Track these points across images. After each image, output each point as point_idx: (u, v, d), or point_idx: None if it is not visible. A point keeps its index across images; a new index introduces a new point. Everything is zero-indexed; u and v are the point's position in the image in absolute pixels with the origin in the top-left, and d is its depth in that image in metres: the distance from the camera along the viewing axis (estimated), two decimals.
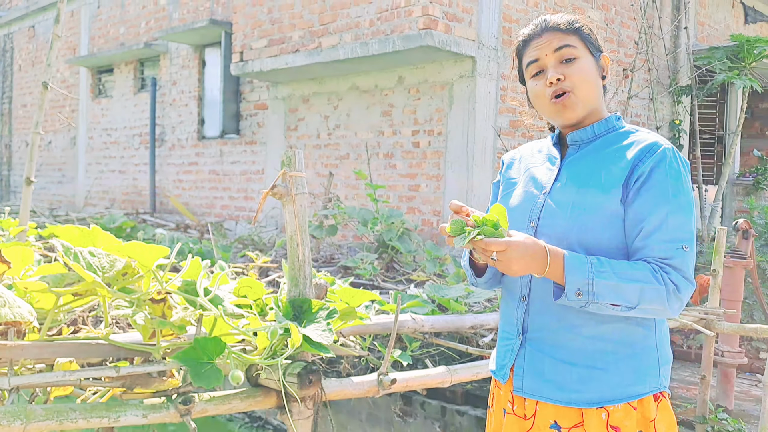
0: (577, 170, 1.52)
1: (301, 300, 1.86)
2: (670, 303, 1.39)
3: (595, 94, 1.53)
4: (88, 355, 1.59)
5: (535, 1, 6.86)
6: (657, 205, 1.41)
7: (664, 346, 1.51)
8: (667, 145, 1.46)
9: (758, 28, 9.94)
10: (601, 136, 1.55)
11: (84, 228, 1.81)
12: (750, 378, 5.18)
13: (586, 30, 1.55)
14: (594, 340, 1.46)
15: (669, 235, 1.40)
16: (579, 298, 1.37)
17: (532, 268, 1.37)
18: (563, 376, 1.47)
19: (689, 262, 1.41)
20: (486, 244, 1.33)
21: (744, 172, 9.28)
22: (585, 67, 1.51)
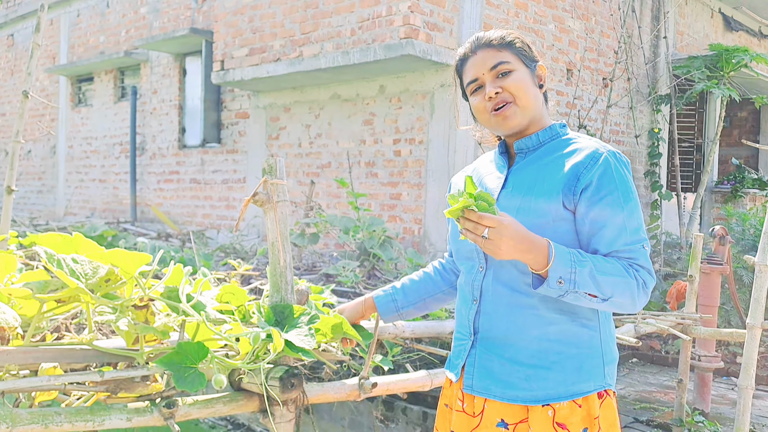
0: (522, 177, 1.59)
1: (283, 306, 1.88)
2: (638, 297, 1.48)
3: (533, 103, 1.59)
4: (72, 361, 1.60)
5: (515, 11, 6.96)
6: (614, 214, 1.48)
7: (609, 345, 1.58)
8: (606, 150, 1.53)
9: (737, 37, 10.13)
10: (545, 143, 1.61)
11: (66, 235, 1.82)
12: (726, 382, 5.26)
13: (519, 44, 1.62)
14: (540, 340, 1.52)
15: (630, 237, 1.49)
16: (560, 286, 1.42)
17: (518, 251, 1.41)
18: (510, 374, 1.54)
19: (649, 259, 1.51)
20: (480, 217, 1.37)
21: (722, 180, 9.44)
22: (520, 78, 1.58)
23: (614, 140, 8.10)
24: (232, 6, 7.63)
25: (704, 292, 4.19)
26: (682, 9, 9.16)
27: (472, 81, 1.62)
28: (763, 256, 2.46)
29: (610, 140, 7.96)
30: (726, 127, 10.18)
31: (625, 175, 1.51)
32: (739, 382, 2.54)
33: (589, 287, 1.43)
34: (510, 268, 1.54)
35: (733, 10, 9.93)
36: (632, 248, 1.49)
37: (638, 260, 1.48)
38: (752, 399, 2.57)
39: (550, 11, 7.24)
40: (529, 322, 1.53)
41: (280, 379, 1.77)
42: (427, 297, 1.89)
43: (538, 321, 1.52)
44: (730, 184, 9.21)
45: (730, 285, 4.99)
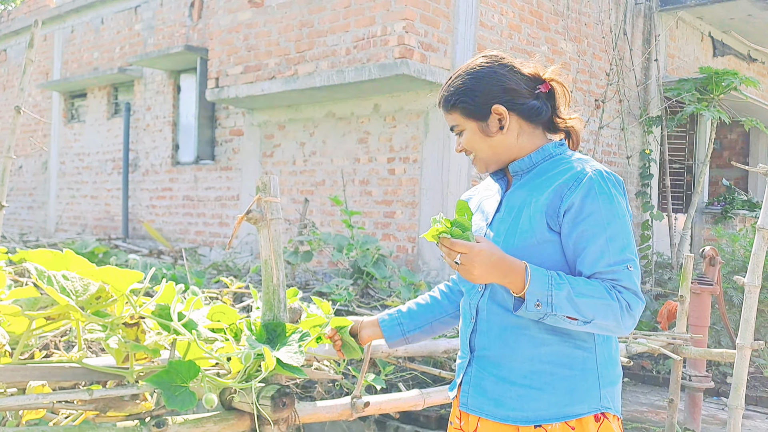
0: (514, 199, 1.61)
1: (275, 324, 1.88)
2: (623, 320, 1.45)
3: (492, 152, 1.63)
4: (60, 379, 1.58)
5: (509, 32, 7.02)
6: (596, 234, 1.47)
7: (606, 368, 1.56)
8: (593, 170, 1.51)
9: (726, 61, 10.25)
10: (539, 164, 1.62)
11: (57, 252, 1.81)
12: (717, 402, 5.26)
13: (464, 100, 1.63)
14: (532, 361, 1.52)
15: (613, 258, 1.47)
16: (538, 309, 1.43)
17: (493, 276, 1.44)
18: (503, 394, 1.54)
19: (636, 280, 1.48)
20: (451, 243, 1.42)
21: (712, 201, 9.50)
22: (469, 136, 1.64)
23: (606, 161, 8.15)
24: (228, 24, 7.67)
25: (695, 312, 4.20)
26: (673, 32, 9.28)
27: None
28: (753, 276, 2.47)
29: (602, 161, 8.01)
30: (716, 149, 10.26)
31: (611, 195, 1.50)
32: (729, 402, 2.54)
33: (567, 310, 1.42)
34: (505, 289, 1.54)
35: (722, 34, 10.05)
36: (615, 269, 1.46)
37: (621, 281, 1.46)
38: (742, 419, 2.57)
39: (543, 33, 7.32)
40: (521, 342, 1.53)
41: (271, 398, 1.75)
42: (434, 320, 1.87)
43: (530, 341, 1.53)
44: (721, 205, 9.26)
45: (720, 305, 5.00)
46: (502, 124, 1.62)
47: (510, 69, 1.63)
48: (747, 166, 2.58)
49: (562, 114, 1.67)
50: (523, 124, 1.63)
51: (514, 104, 1.61)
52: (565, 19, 7.59)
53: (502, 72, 1.62)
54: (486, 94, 1.62)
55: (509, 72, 1.63)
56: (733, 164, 3.11)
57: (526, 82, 1.64)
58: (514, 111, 1.62)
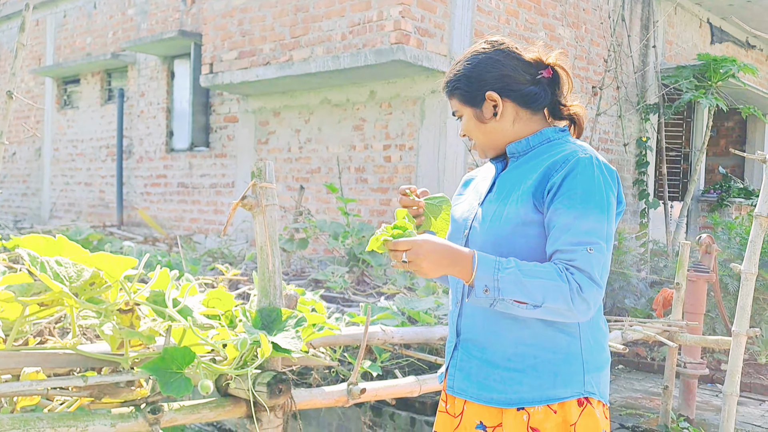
0: (505, 182, 1.61)
1: (270, 309, 1.87)
2: (574, 303, 1.42)
3: (487, 138, 1.64)
4: (55, 365, 1.57)
5: (506, 18, 6.98)
6: (566, 210, 1.46)
7: (592, 353, 1.55)
8: (586, 154, 1.51)
9: (724, 48, 10.22)
10: (536, 147, 1.62)
11: (50, 238, 1.79)
12: (711, 389, 5.28)
13: (460, 86, 1.64)
14: (515, 344, 1.53)
15: (575, 238, 1.44)
16: (486, 295, 1.42)
17: (443, 266, 1.43)
18: (487, 376, 1.55)
19: (594, 264, 1.44)
20: (394, 244, 1.42)
21: (709, 189, 9.51)
22: (465, 122, 1.66)
23: (603, 148, 8.14)
24: (221, 9, 7.60)
25: (690, 299, 4.21)
26: (671, 19, 9.24)
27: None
28: (749, 264, 2.46)
29: (599, 148, 8.00)
30: (713, 136, 10.27)
31: (594, 180, 1.48)
32: (724, 389, 2.54)
33: (514, 293, 1.41)
34: None
35: (721, 20, 10.02)
36: (574, 249, 1.44)
37: (576, 262, 1.43)
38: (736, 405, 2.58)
39: (540, 19, 7.28)
40: (505, 325, 1.54)
41: (267, 384, 1.75)
42: None
43: (514, 324, 1.53)
44: (717, 193, 9.27)
45: (716, 293, 5.01)
46: (495, 110, 1.61)
47: (508, 54, 1.62)
48: (744, 153, 2.57)
49: (566, 100, 1.66)
50: (519, 111, 1.62)
51: (509, 91, 1.60)
52: (563, 5, 7.54)
53: (498, 58, 1.61)
54: (480, 80, 1.62)
55: (506, 58, 1.62)
56: (731, 151, 3.10)
57: (526, 67, 1.62)
58: (509, 97, 1.61)
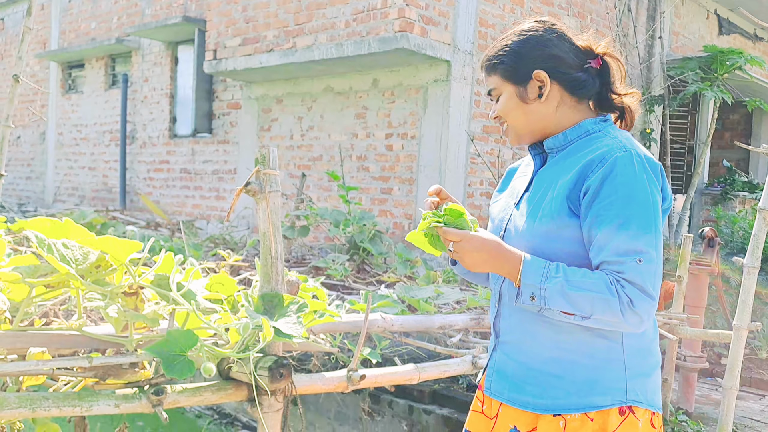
0: (542, 180, 1.53)
1: (272, 295, 1.88)
2: (625, 317, 1.35)
3: (526, 120, 1.54)
4: (60, 346, 1.59)
5: (512, 6, 6.95)
6: (608, 219, 1.37)
7: (635, 358, 1.47)
8: (623, 151, 1.41)
9: (731, 39, 10.16)
10: (574, 141, 1.53)
11: (56, 221, 1.81)
12: (711, 382, 5.31)
13: (505, 64, 1.54)
14: (552, 347, 1.47)
15: (622, 248, 1.36)
16: (533, 303, 1.38)
17: (487, 264, 1.41)
18: (523, 380, 1.50)
19: (645, 276, 1.36)
20: (444, 232, 1.40)
21: (712, 182, 9.49)
22: (504, 101, 1.55)
23: None
24: None
25: (692, 293, 4.22)
26: (678, 9, 9.19)
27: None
28: (751, 258, 2.47)
29: None
30: (718, 129, 10.24)
31: (636, 180, 1.38)
32: (723, 383, 2.56)
33: (560, 304, 1.36)
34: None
35: (728, 11, 9.96)
36: (622, 260, 1.36)
37: (625, 274, 1.35)
38: (736, 400, 2.59)
39: (545, 8, 7.25)
40: (542, 328, 1.48)
41: (269, 368, 1.77)
42: None
43: (551, 328, 1.46)
44: (721, 186, 9.26)
45: (718, 287, 5.03)
46: (541, 91, 1.52)
47: (560, 36, 1.54)
48: (749, 146, 2.57)
49: (618, 89, 1.57)
50: (564, 96, 1.52)
51: (558, 73, 1.51)
52: None
53: (551, 38, 1.53)
54: (529, 57, 1.52)
55: (559, 39, 1.53)
56: (735, 145, 3.10)
57: (577, 53, 1.53)
58: (557, 80, 1.51)
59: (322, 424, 4.49)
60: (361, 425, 4.27)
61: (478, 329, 3.36)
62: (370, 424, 4.24)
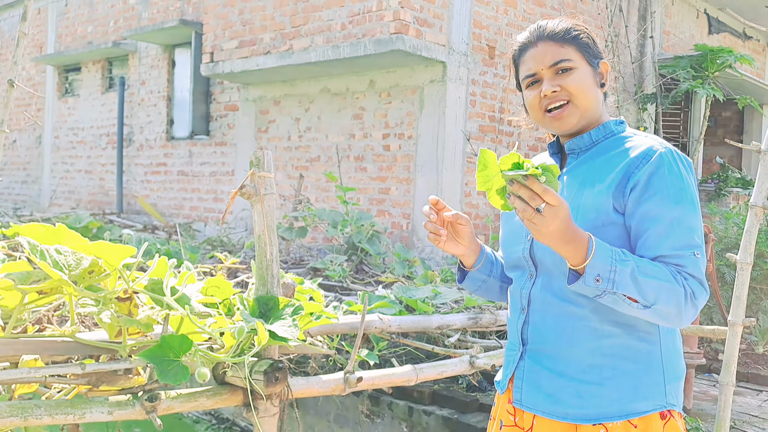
0: (572, 179, 1.48)
1: (267, 298, 1.88)
2: (686, 308, 1.32)
3: (593, 104, 1.48)
4: (53, 353, 1.59)
5: (505, 8, 6.96)
6: (661, 214, 1.35)
7: (671, 360, 1.44)
8: (664, 148, 1.40)
9: (722, 38, 10.20)
10: (599, 142, 1.50)
11: (50, 226, 1.81)
12: (708, 378, 5.31)
13: (584, 38, 1.50)
14: (592, 354, 1.41)
15: (680, 242, 1.34)
16: (597, 284, 1.28)
17: (562, 239, 1.27)
18: (560, 390, 1.43)
19: (702, 269, 1.35)
20: (544, 190, 1.22)
21: (706, 179, 9.51)
22: (581, 77, 1.47)
23: None
24: None
25: None
26: (669, 9, 9.21)
27: (530, 75, 1.50)
28: (745, 254, 2.48)
29: None
30: (710, 126, 10.25)
31: (681, 174, 1.37)
32: (720, 379, 2.56)
33: (629, 289, 1.28)
34: (560, 276, 1.43)
35: (718, 11, 9.99)
36: (681, 254, 1.33)
37: (687, 268, 1.33)
38: (733, 395, 2.59)
39: (538, 9, 7.26)
40: (580, 334, 1.42)
41: (264, 372, 1.77)
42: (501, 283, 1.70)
43: (591, 333, 1.41)
44: (714, 182, 9.27)
45: (713, 282, 5.03)
46: (603, 80, 1.51)
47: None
48: (741, 143, 2.58)
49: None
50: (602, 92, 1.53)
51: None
52: None
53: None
54: (597, 45, 1.52)
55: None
56: (727, 141, 3.10)
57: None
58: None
59: (322, 427, 4.49)
60: (361, 427, 4.27)
61: (476, 329, 3.36)
62: (369, 426, 4.23)
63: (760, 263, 5.83)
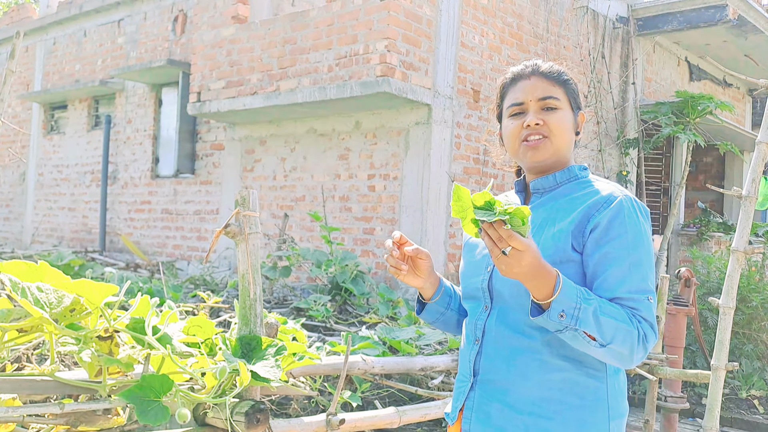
0: (535, 216, 1.53)
1: (250, 337, 1.87)
2: (637, 350, 1.38)
3: (567, 146, 1.57)
4: (32, 392, 1.56)
5: (489, 53, 7.11)
6: (620, 258, 1.41)
7: (616, 399, 1.50)
8: (624, 195, 1.48)
9: (702, 85, 10.45)
10: (562, 184, 1.57)
11: (32, 263, 1.79)
12: (692, 423, 5.29)
13: (573, 85, 1.61)
14: (542, 387, 1.45)
15: (636, 286, 1.41)
16: (561, 320, 1.33)
17: (530, 274, 1.32)
18: (509, 422, 1.46)
19: (653, 314, 1.42)
20: (510, 235, 1.27)
21: (688, 223, 9.63)
22: (564, 119, 1.55)
23: None
24: (211, 39, 7.68)
25: (670, 332, 4.24)
26: (650, 56, 9.45)
27: (516, 104, 1.58)
28: (727, 298, 2.50)
29: None
30: (692, 171, 10.44)
31: (638, 222, 1.45)
32: (704, 424, 2.55)
33: (590, 327, 1.33)
34: (516, 309, 1.47)
35: (699, 59, 10.26)
36: (636, 297, 1.40)
37: (641, 311, 1.39)
38: None
39: (522, 55, 7.42)
40: (531, 367, 1.46)
41: (245, 414, 1.74)
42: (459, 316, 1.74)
43: (541, 366, 1.45)
44: (696, 227, 9.39)
45: (696, 326, 5.06)
46: (578, 129, 1.62)
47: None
48: (722, 189, 2.63)
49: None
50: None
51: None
52: (544, 42, 7.70)
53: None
54: (580, 98, 1.64)
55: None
56: (708, 187, 3.16)
57: None
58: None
59: None
60: None
61: None
62: None
63: (742, 308, 5.88)
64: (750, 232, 2.52)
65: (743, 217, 2.53)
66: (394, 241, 1.55)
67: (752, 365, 5.79)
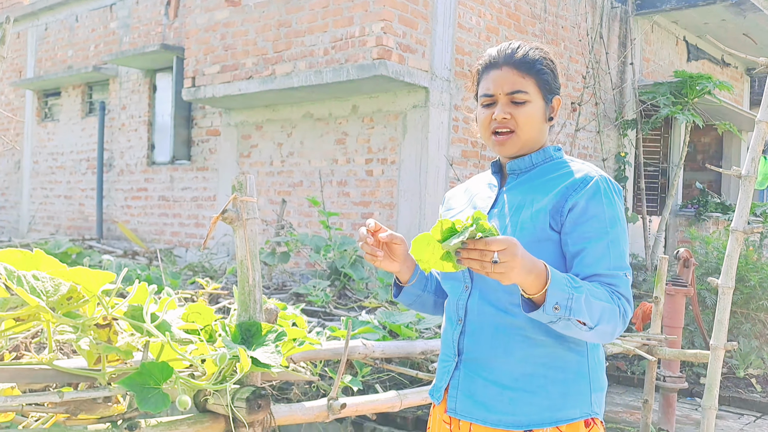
0: (511, 197, 1.57)
1: (250, 324, 1.86)
2: (618, 326, 1.43)
3: (536, 136, 1.58)
4: (31, 381, 1.55)
5: (487, 35, 7.05)
6: (598, 236, 1.45)
7: (596, 372, 1.54)
8: (599, 175, 1.51)
9: (700, 65, 10.40)
10: (538, 165, 1.60)
11: (27, 252, 1.77)
12: (691, 402, 5.32)
13: (545, 73, 1.57)
14: (525, 363, 1.49)
15: (614, 262, 1.45)
16: (556, 312, 1.35)
17: (525, 268, 1.30)
18: (493, 398, 1.50)
19: (630, 290, 1.46)
20: (487, 243, 1.24)
21: (686, 204, 9.63)
22: (531, 112, 1.56)
23: None
24: (204, 23, 7.61)
25: (669, 313, 4.24)
26: (648, 36, 9.39)
27: (487, 95, 1.59)
28: (726, 278, 2.50)
29: None
30: (690, 152, 10.42)
31: (614, 201, 1.50)
32: (702, 403, 2.57)
33: (582, 314, 1.36)
34: (496, 286, 1.50)
35: (697, 38, 10.20)
36: (614, 274, 1.45)
37: (619, 288, 1.44)
38: (715, 419, 2.60)
39: (520, 36, 7.36)
40: (515, 343, 1.49)
41: (246, 400, 1.74)
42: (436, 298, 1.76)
43: (524, 342, 1.49)
44: (694, 207, 9.39)
45: (694, 307, 5.07)
46: (552, 114, 1.61)
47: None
48: (720, 168, 2.61)
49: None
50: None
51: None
52: (542, 22, 7.64)
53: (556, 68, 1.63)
54: (556, 81, 1.61)
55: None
56: (707, 167, 3.15)
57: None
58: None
59: None
60: None
61: None
62: None
63: (740, 287, 5.89)
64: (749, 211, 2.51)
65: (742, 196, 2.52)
66: (369, 230, 1.57)
67: (750, 344, 5.82)
